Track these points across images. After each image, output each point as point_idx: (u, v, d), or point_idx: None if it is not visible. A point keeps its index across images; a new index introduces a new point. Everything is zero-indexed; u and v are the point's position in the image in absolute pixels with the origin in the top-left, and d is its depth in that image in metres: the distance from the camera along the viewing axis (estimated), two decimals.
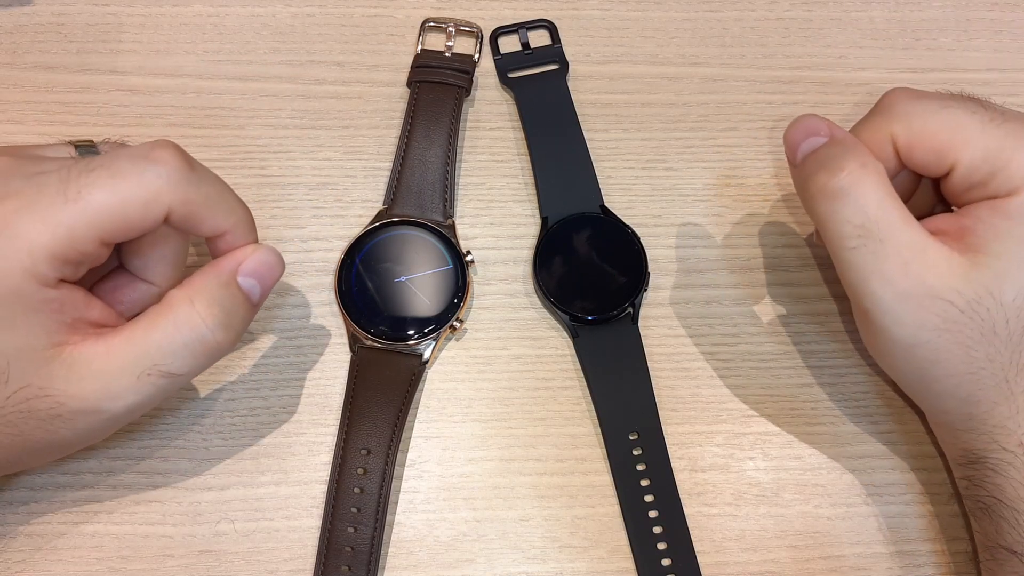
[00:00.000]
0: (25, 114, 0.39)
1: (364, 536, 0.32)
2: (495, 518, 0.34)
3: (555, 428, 0.35)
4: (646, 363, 0.36)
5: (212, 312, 0.29)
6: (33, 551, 0.32)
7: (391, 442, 0.34)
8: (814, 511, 0.34)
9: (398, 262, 0.36)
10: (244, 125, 0.39)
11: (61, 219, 0.27)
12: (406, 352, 0.35)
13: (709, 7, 0.43)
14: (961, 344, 0.29)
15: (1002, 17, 0.43)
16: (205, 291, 0.29)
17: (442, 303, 0.36)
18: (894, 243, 0.29)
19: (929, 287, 0.29)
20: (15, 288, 0.27)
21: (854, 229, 0.29)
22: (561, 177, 0.38)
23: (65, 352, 0.28)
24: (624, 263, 0.36)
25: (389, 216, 0.37)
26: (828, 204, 0.29)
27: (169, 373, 0.28)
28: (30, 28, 0.41)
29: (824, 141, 0.31)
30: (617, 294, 0.36)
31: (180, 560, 0.33)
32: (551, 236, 0.37)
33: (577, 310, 0.36)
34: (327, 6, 0.42)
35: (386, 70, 0.41)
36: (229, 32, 0.41)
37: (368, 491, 0.33)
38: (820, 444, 0.35)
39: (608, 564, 0.33)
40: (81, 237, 0.27)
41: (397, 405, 0.34)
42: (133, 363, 0.28)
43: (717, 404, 0.36)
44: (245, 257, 0.30)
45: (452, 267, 0.36)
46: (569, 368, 0.36)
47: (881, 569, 0.34)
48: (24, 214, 0.27)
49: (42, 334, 0.28)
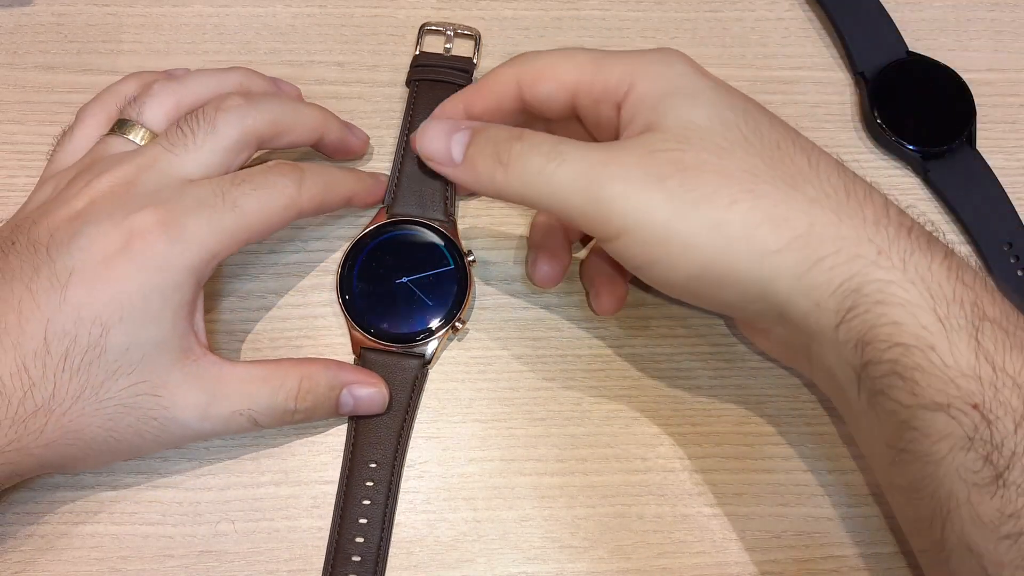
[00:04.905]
0: (25, 114, 0.39)
1: (371, 545, 0.32)
2: (495, 518, 0.34)
3: (555, 428, 0.35)
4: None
5: (307, 400, 0.32)
6: (33, 551, 0.32)
7: (396, 451, 0.34)
8: (814, 511, 0.34)
9: (399, 263, 0.36)
10: None
11: (226, 224, 0.30)
12: (408, 354, 0.35)
13: (709, 7, 0.43)
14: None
15: (1002, 17, 0.43)
16: (315, 379, 0.32)
17: (444, 304, 0.35)
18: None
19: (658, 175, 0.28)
20: (176, 283, 0.30)
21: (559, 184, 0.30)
22: None
23: (189, 360, 0.30)
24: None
25: (390, 215, 0.37)
26: (531, 179, 0.30)
27: (255, 423, 0.31)
28: (30, 28, 0.41)
29: (469, 134, 0.32)
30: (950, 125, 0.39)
31: (180, 560, 0.33)
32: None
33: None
34: (327, 6, 0.42)
35: (386, 70, 0.41)
36: (229, 32, 0.41)
37: (376, 501, 0.33)
38: (820, 444, 0.35)
39: (608, 564, 0.33)
40: (239, 240, 0.31)
41: (402, 412, 0.34)
42: (236, 397, 0.31)
43: (717, 404, 0.36)
44: (364, 383, 0.34)
45: (453, 267, 0.36)
46: (569, 368, 0.36)
47: (881, 569, 0.34)
48: (191, 217, 0.30)
49: (182, 335, 0.30)
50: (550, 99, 0.33)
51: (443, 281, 0.36)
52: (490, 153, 0.31)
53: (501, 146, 0.30)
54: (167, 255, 0.29)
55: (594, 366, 0.36)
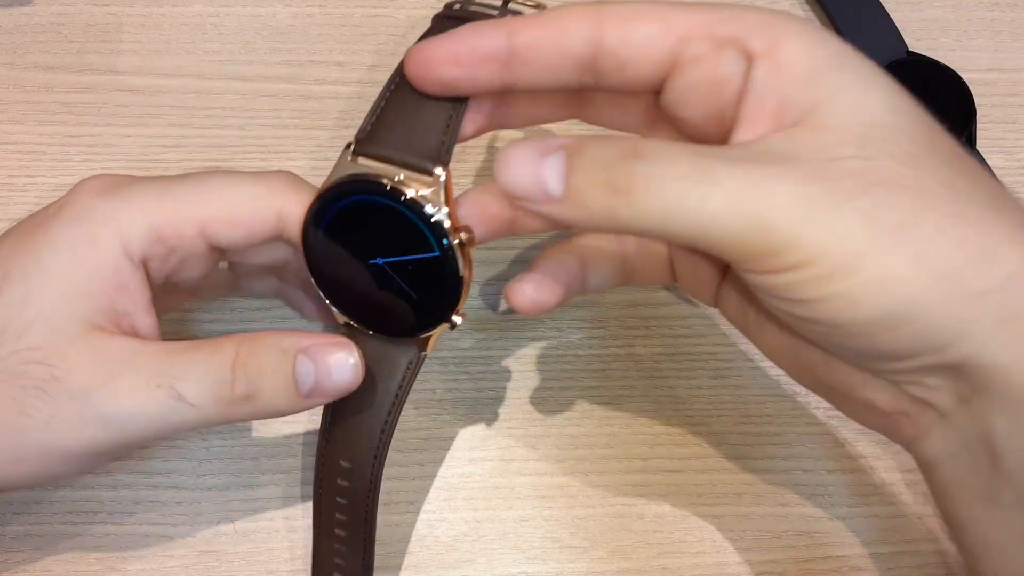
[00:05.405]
0: (25, 114, 0.39)
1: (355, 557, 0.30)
2: (495, 518, 0.34)
3: (555, 428, 0.35)
4: None
5: (248, 367, 0.25)
6: (33, 551, 0.32)
7: (377, 451, 0.29)
8: (814, 511, 0.34)
9: (373, 239, 0.26)
10: (244, 125, 0.39)
11: (177, 192, 0.26)
12: (399, 343, 0.28)
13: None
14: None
15: (1002, 17, 0.43)
16: (259, 342, 0.26)
17: (433, 295, 0.27)
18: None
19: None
20: (93, 239, 0.25)
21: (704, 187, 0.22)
22: None
23: (95, 335, 0.25)
24: None
25: (363, 152, 0.26)
26: (671, 196, 0.22)
27: (180, 396, 0.25)
28: (30, 28, 0.41)
29: (563, 156, 0.23)
30: None
31: (180, 560, 0.33)
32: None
33: None
34: (327, 6, 0.42)
35: (386, 70, 0.41)
36: (229, 32, 0.41)
37: (354, 503, 0.29)
38: (820, 444, 0.35)
39: (608, 564, 0.33)
40: (185, 217, 0.26)
41: (386, 408, 0.28)
42: (152, 369, 0.25)
43: (717, 404, 0.36)
44: (325, 345, 0.26)
45: (439, 254, 0.26)
46: (569, 368, 0.36)
47: (881, 569, 0.34)
48: (138, 183, 0.26)
49: (90, 307, 0.25)
50: (643, 49, 0.24)
51: (427, 270, 0.26)
52: (602, 180, 0.23)
53: (616, 169, 0.22)
54: (91, 208, 0.25)
55: (594, 366, 0.36)
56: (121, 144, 0.38)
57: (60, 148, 0.38)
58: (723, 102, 0.24)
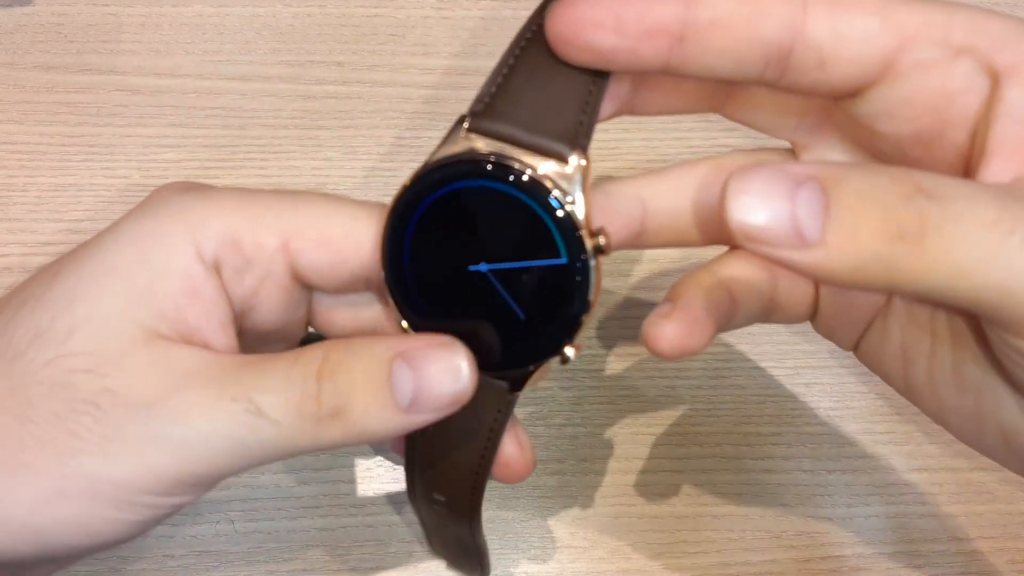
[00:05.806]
0: (25, 114, 0.39)
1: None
2: (495, 518, 0.34)
3: (555, 428, 0.35)
4: None
5: (337, 375, 0.21)
6: None
7: (474, 489, 0.24)
8: (814, 511, 0.34)
9: (479, 238, 0.21)
10: (244, 125, 0.39)
11: (262, 198, 0.22)
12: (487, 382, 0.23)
13: None
14: None
15: None
16: (349, 352, 0.21)
17: (547, 316, 0.21)
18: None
19: None
20: (164, 234, 0.21)
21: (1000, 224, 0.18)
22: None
23: (157, 344, 0.21)
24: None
25: (479, 129, 0.21)
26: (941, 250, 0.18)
27: (259, 410, 0.20)
28: (30, 28, 0.41)
29: (820, 192, 0.18)
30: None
31: (180, 560, 0.33)
32: None
33: None
34: (327, 6, 0.42)
35: (386, 70, 0.41)
36: (229, 32, 0.41)
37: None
38: (820, 444, 0.35)
39: (608, 564, 0.33)
40: (268, 224, 0.22)
41: (475, 460, 0.24)
42: (227, 379, 0.21)
43: (717, 404, 0.36)
44: (426, 347, 0.21)
45: (566, 261, 0.21)
46: (569, 368, 0.36)
47: (881, 569, 0.34)
48: (226, 188, 0.23)
49: (153, 311, 0.21)
50: (855, 46, 0.20)
51: (547, 281, 0.21)
52: (880, 224, 0.18)
53: (900, 211, 0.18)
54: (166, 201, 0.22)
55: (594, 366, 0.36)
56: (121, 144, 0.38)
57: (60, 148, 0.38)
58: (945, 121, 0.20)
